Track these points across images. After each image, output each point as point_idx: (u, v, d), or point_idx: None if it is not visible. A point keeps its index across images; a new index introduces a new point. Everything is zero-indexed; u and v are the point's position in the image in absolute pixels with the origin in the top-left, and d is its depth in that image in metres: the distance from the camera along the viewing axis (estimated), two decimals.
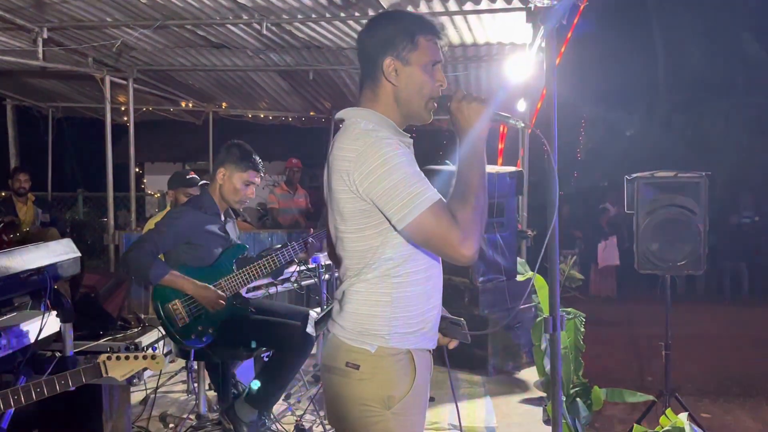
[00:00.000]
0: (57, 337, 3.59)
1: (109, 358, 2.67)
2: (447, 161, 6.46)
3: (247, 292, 4.37)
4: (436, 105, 2.26)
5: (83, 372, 2.64)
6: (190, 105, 10.94)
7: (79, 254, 3.88)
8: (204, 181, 5.31)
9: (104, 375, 2.67)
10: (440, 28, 2.28)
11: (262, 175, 4.28)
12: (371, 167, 2.07)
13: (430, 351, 2.32)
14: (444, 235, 2.05)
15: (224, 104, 11.16)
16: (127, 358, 2.68)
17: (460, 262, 2.11)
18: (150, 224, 5.45)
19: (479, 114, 2.17)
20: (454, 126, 2.21)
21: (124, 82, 8.26)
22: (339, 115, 2.29)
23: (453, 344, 2.46)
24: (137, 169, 12.88)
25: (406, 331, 2.19)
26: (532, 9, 4.66)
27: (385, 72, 2.22)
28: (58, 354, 3.58)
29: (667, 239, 5.47)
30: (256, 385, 4.01)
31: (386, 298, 2.18)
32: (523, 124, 2.34)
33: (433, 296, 2.27)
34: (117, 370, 2.68)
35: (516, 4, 5.37)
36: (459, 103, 2.18)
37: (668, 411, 4.14)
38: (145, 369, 2.79)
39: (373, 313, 2.18)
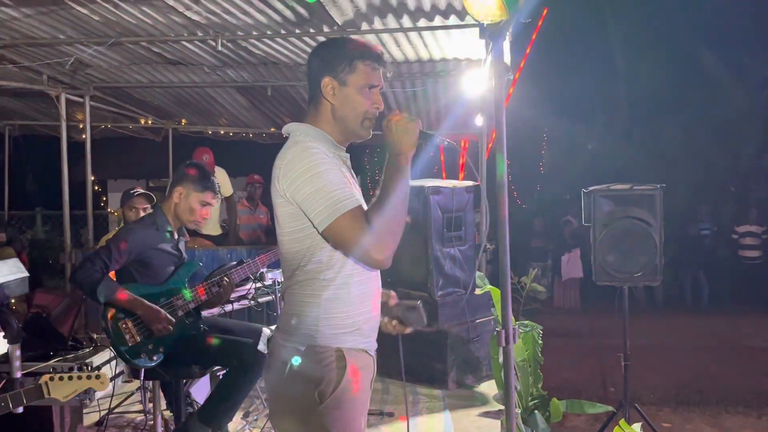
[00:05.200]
0: (4, 358, 3.54)
1: (51, 378, 2.63)
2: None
3: (201, 310, 4.32)
4: (373, 123, 2.46)
5: (24, 393, 2.59)
6: (149, 122, 10.82)
7: (26, 274, 3.85)
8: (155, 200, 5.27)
9: (47, 396, 2.62)
10: (380, 55, 2.47)
11: (218, 197, 4.31)
12: (297, 172, 2.26)
13: (369, 353, 2.43)
14: (357, 239, 2.23)
15: (183, 121, 11.06)
16: (70, 378, 2.64)
17: (372, 266, 2.32)
18: (102, 242, 5.39)
19: (406, 132, 2.36)
20: (385, 142, 2.38)
21: (81, 100, 8.16)
22: (284, 128, 2.48)
23: (408, 330, 2.58)
24: (97, 188, 12.74)
25: (335, 332, 2.31)
26: (485, 26, 4.69)
27: (323, 90, 2.42)
28: (5, 375, 3.53)
29: (624, 251, 5.54)
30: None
31: (314, 299, 2.32)
32: (447, 142, 2.62)
33: (365, 301, 2.39)
34: (60, 390, 2.63)
35: (469, 20, 5.41)
36: (389, 121, 2.39)
37: (621, 421, 4.16)
38: (91, 390, 2.75)
39: (302, 312, 2.33)
